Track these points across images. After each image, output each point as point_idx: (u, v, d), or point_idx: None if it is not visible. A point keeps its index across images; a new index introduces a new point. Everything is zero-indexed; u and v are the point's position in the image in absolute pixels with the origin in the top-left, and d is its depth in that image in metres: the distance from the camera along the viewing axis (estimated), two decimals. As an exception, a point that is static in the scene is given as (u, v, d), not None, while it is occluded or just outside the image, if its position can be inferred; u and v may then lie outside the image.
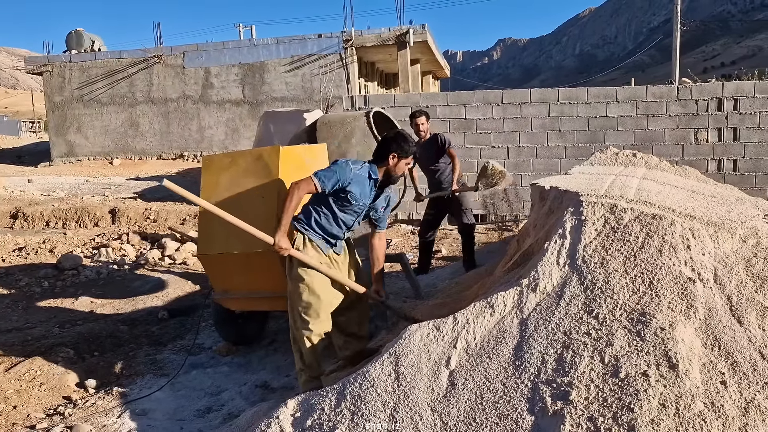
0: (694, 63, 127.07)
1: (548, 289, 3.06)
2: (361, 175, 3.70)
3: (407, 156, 3.77)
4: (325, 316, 3.75)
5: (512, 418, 2.52)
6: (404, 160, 3.77)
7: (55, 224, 10.76)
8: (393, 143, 3.75)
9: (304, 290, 3.69)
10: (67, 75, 21.76)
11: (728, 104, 9.05)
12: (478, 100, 9.78)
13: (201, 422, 3.89)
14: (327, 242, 3.81)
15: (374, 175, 3.76)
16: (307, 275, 3.69)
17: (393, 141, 3.76)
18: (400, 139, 3.78)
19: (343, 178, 3.61)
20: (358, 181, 3.67)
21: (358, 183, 3.68)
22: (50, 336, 5.43)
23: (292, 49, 20.27)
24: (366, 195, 3.76)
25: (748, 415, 2.37)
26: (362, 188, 3.71)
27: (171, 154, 21.21)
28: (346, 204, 3.71)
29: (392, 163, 3.75)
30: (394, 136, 3.82)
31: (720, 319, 2.78)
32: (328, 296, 3.77)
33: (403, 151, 3.74)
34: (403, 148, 3.74)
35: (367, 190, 3.75)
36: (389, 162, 3.74)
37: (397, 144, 3.74)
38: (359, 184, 3.69)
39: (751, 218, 3.49)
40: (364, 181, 3.72)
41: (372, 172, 3.75)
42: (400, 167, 3.78)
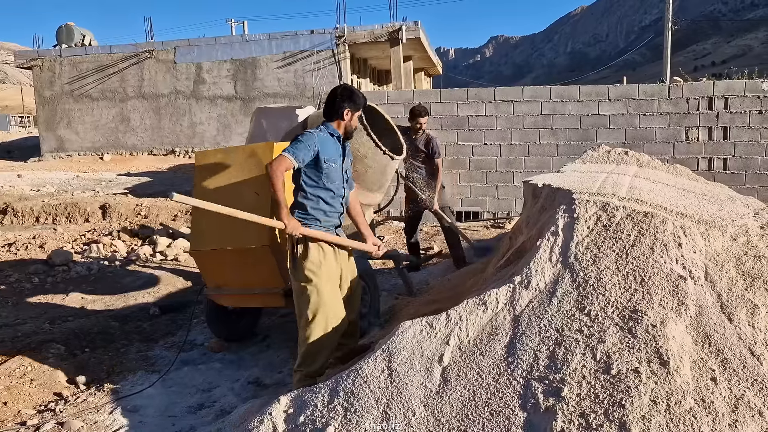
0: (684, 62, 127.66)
1: (541, 286, 3.07)
2: (325, 136, 3.72)
3: (359, 108, 3.85)
4: (332, 316, 3.72)
5: (504, 414, 2.53)
6: (357, 113, 3.85)
7: (45, 220, 10.68)
8: (345, 100, 3.79)
9: (312, 291, 3.66)
10: (57, 69, 21.59)
11: (719, 103, 9.10)
12: (471, 97, 9.79)
13: (193, 418, 3.88)
14: (331, 228, 3.81)
15: (335, 132, 3.81)
16: (315, 276, 3.66)
17: (343, 97, 3.79)
18: (349, 92, 3.83)
19: (311, 143, 3.62)
20: (324, 141, 3.69)
21: (325, 143, 3.70)
22: (41, 332, 5.40)
23: (284, 45, 20.20)
24: (337, 154, 3.78)
25: (737, 412, 2.39)
26: (331, 148, 3.74)
27: (162, 150, 21.10)
28: (326, 171, 3.69)
29: (347, 118, 3.81)
30: (341, 91, 3.84)
31: (711, 317, 2.81)
32: (334, 297, 3.75)
33: (356, 104, 3.82)
34: (354, 101, 3.81)
35: (336, 148, 3.79)
36: (344, 117, 3.80)
37: (348, 98, 3.79)
38: (327, 144, 3.71)
39: (741, 216, 3.52)
40: (330, 139, 3.75)
41: (332, 131, 3.79)
42: (354, 121, 3.85)
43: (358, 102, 3.83)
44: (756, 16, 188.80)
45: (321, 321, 3.68)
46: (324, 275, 3.69)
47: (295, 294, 3.79)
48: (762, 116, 8.97)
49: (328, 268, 3.73)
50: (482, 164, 9.85)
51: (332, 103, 3.82)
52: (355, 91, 3.87)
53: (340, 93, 3.82)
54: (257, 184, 4.21)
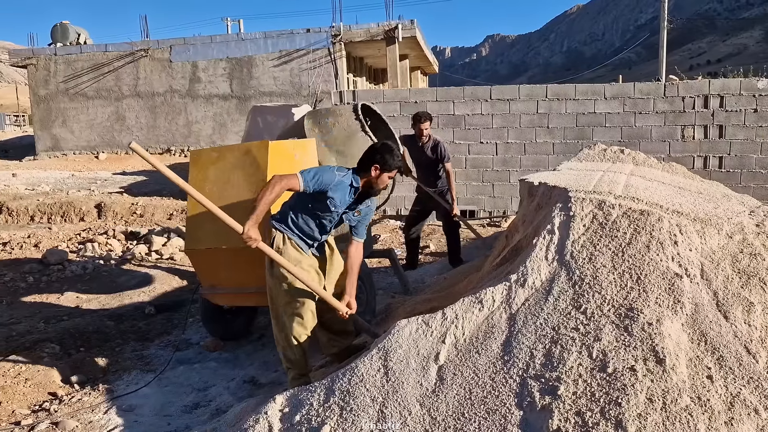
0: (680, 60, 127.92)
1: (537, 284, 3.07)
2: (344, 183, 3.64)
3: (391, 170, 3.70)
4: (310, 313, 3.72)
5: (501, 412, 2.53)
6: (387, 174, 3.70)
7: (40, 219, 10.64)
8: (378, 155, 3.67)
9: (287, 289, 3.65)
10: (52, 68, 21.50)
11: (714, 102, 9.12)
12: (467, 96, 9.78)
13: (188, 418, 3.87)
14: (305, 243, 3.76)
15: (356, 183, 3.70)
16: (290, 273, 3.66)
17: (378, 152, 3.69)
18: (385, 151, 3.69)
19: (326, 181, 3.56)
20: (340, 187, 3.62)
21: (339, 189, 3.62)
22: (35, 332, 5.38)
23: (280, 44, 20.15)
24: (344, 202, 3.70)
25: (733, 410, 2.39)
26: (342, 195, 3.66)
27: (158, 149, 21.04)
28: (324, 208, 3.65)
29: (374, 175, 3.68)
30: (380, 147, 3.74)
31: (707, 315, 2.81)
32: (309, 294, 3.73)
33: (387, 165, 3.67)
34: (387, 161, 3.66)
35: (346, 197, 3.69)
36: (371, 173, 3.68)
37: (382, 156, 3.66)
38: (340, 191, 3.63)
39: (737, 214, 3.52)
40: (346, 188, 3.66)
41: (354, 180, 3.69)
42: (382, 180, 3.71)
43: (391, 164, 3.68)
44: (751, 15, 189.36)
45: (298, 318, 3.69)
46: (299, 272, 3.67)
47: (269, 290, 3.78)
48: (757, 115, 8.99)
49: (304, 264, 3.72)
50: (478, 163, 9.84)
51: (367, 156, 3.72)
52: (393, 154, 3.71)
53: (378, 149, 3.72)
54: (252, 182, 4.19)
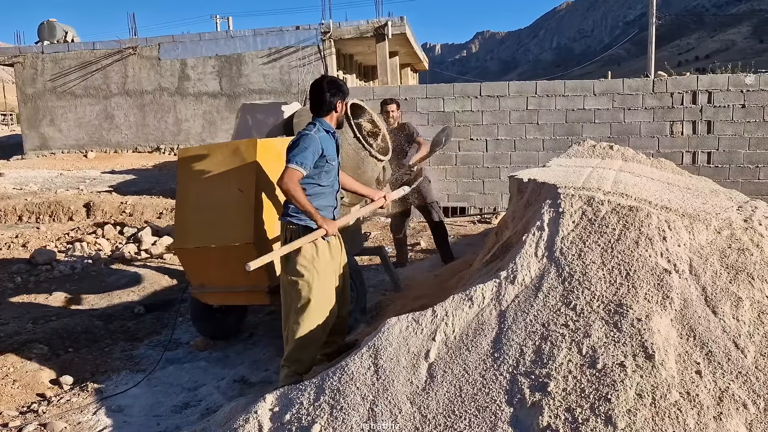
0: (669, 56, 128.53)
1: (526, 281, 3.07)
2: (323, 136, 3.70)
3: (346, 96, 3.87)
4: (323, 311, 3.70)
5: (491, 409, 2.53)
6: (344, 102, 3.88)
7: (28, 218, 10.55)
8: (334, 92, 3.77)
9: (303, 286, 3.64)
10: (39, 66, 21.31)
11: (702, 97, 9.15)
12: (457, 92, 9.78)
13: (178, 418, 3.85)
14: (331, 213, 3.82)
15: (330, 129, 3.81)
16: (307, 272, 3.64)
17: (332, 90, 3.77)
18: (336, 84, 3.83)
19: (315, 147, 3.61)
20: (324, 141, 3.69)
21: (325, 143, 3.69)
22: (23, 332, 5.33)
23: (269, 41, 20.07)
24: (334, 149, 3.80)
25: (722, 404, 2.40)
26: (330, 146, 3.74)
27: (147, 147, 20.92)
28: (327, 169, 3.71)
29: (340, 109, 3.85)
30: (328, 85, 3.79)
31: (695, 310, 2.82)
32: (326, 293, 3.73)
33: (344, 94, 3.84)
34: (343, 90, 3.82)
35: (333, 145, 3.80)
36: (337, 109, 3.82)
37: (338, 89, 3.79)
38: (327, 144, 3.71)
39: (725, 210, 3.54)
40: (327, 137, 3.74)
41: (327, 128, 3.78)
42: (343, 110, 3.92)
43: (346, 91, 3.85)
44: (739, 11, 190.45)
45: (311, 317, 3.65)
46: (315, 271, 3.67)
47: (284, 288, 3.76)
48: (745, 110, 9.04)
49: (320, 263, 3.70)
50: (468, 159, 9.85)
51: (321, 97, 3.77)
52: (340, 81, 3.87)
53: (328, 86, 3.78)
54: (241, 180, 4.17)
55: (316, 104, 3.80)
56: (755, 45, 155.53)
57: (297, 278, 3.64)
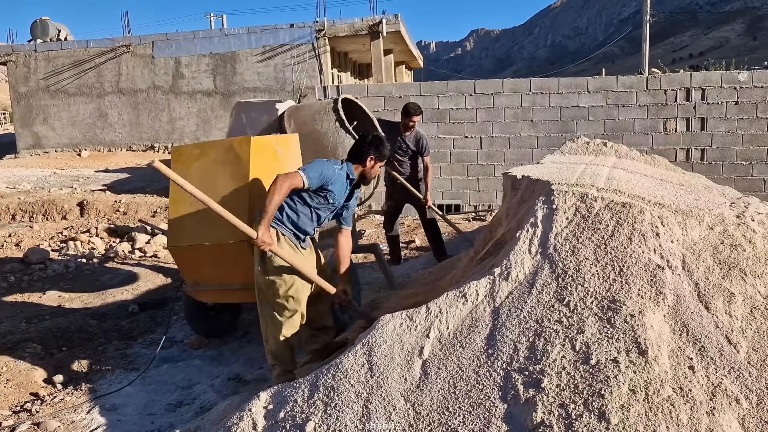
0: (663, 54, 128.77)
1: (520, 277, 3.07)
2: (341, 176, 3.75)
3: (383, 160, 3.88)
4: (301, 310, 3.74)
5: (485, 406, 2.53)
6: (379, 163, 3.87)
7: (21, 218, 10.51)
8: (371, 146, 3.82)
9: (280, 286, 3.65)
10: (32, 65, 21.22)
11: (696, 94, 9.18)
12: (451, 90, 9.78)
13: (172, 416, 3.84)
14: (297, 237, 3.80)
15: (351, 175, 3.82)
16: (286, 270, 3.66)
17: (371, 144, 3.83)
18: (378, 142, 3.85)
19: (327, 176, 3.65)
20: (338, 181, 3.72)
21: (338, 182, 3.72)
22: (17, 331, 5.31)
23: (263, 39, 20.03)
24: (342, 195, 3.81)
25: (715, 399, 2.41)
26: (340, 187, 3.76)
27: (141, 146, 20.86)
28: (323, 202, 3.74)
29: (369, 165, 3.83)
30: (372, 139, 3.86)
31: (688, 306, 2.82)
32: (303, 291, 3.75)
33: (380, 155, 3.84)
34: (380, 151, 3.83)
35: (344, 189, 3.80)
36: (366, 164, 3.82)
37: (375, 148, 3.82)
38: (339, 184, 3.73)
39: (718, 206, 3.55)
40: (343, 181, 3.77)
41: (350, 172, 3.81)
42: (375, 169, 3.87)
43: (384, 154, 3.86)
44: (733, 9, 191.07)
45: (291, 314, 3.69)
46: (293, 270, 3.67)
47: (260, 288, 3.76)
48: (738, 107, 9.07)
49: (297, 261, 3.71)
50: (463, 157, 9.85)
51: (359, 146, 3.86)
52: (384, 144, 3.88)
53: (370, 140, 3.85)
54: (235, 178, 4.16)
55: (353, 150, 3.90)
56: (749, 42, 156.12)
57: (276, 277, 3.66)
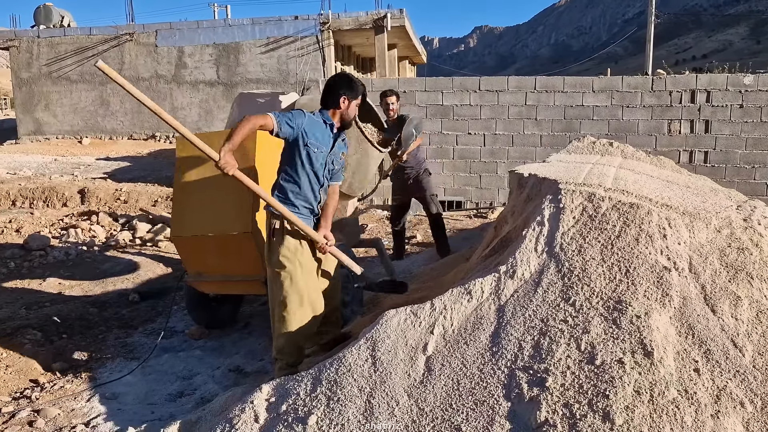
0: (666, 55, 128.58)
1: (526, 276, 3.06)
2: (317, 120, 3.65)
3: (357, 96, 3.74)
4: (307, 304, 3.66)
5: (489, 404, 2.52)
6: (354, 102, 3.74)
7: (21, 204, 10.49)
8: (341, 86, 3.70)
9: (285, 278, 3.60)
10: (35, 51, 21.15)
11: (701, 96, 9.16)
12: (456, 86, 9.75)
13: (173, 406, 3.84)
14: (310, 212, 3.71)
15: (329, 120, 3.70)
16: (289, 263, 3.60)
17: (341, 84, 3.72)
18: (347, 80, 3.74)
19: (298, 121, 3.54)
20: (314, 123, 3.62)
21: (314, 126, 3.61)
22: (16, 318, 5.30)
23: (267, 31, 19.97)
24: (325, 141, 3.68)
25: (720, 403, 2.40)
26: (320, 132, 3.64)
27: (142, 135, 20.81)
28: (309, 153, 3.60)
29: (344, 106, 3.70)
30: (339, 79, 3.77)
31: (694, 308, 2.82)
32: (311, 283, 3.69)
33: (353, 91, 3.71)
34: (352, 87, 3.70)
35: (325, 135, 3.68)
36: (341, 105, 3.70)
37: (346, 86, 3.70)
38: (316, 128, 3.62)
39: (725, 209, 3.54)
40: (321, 125, 3.66)
41: (326, 118, 3.70)
42: (351, 109, 3.74)
43: (356, 90, 3.72)
44: (737, 12, 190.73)
45: (295, 309, 3.62)
46: (299, 262, 3.63)
47: (269, 281, 3.74)
48: (743, 110, 9.05)
49: (304, 256, 3.67)
50: (466, 154, 9.83)
51: (329, 90, 3.73)
52: (354, 80, 3.76)
53: (338, 80, 3.75)
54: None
55: (324, 96, 3.77)
56: (752, 45, 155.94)
57: (279, 270, 3.61)
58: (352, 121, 3.83)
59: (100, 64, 3.17)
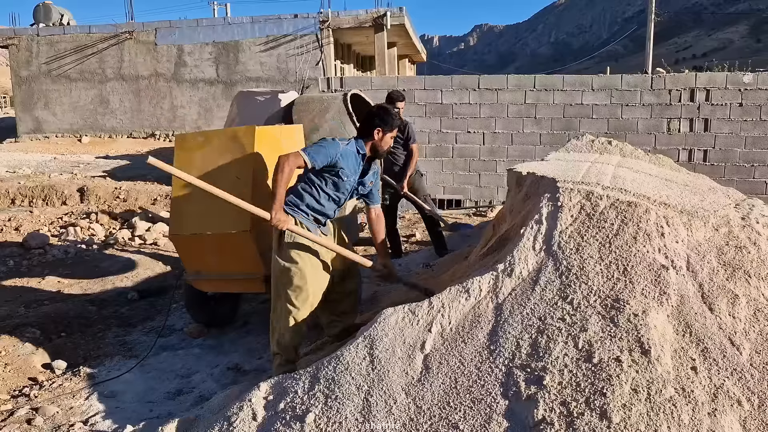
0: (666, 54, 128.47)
1: (524, 274, 3.07)
2: (349, 150, 3.72)
3: (392, 129, 3.82)
4: (313, 300, 3.69)
5: (486, 402, 2.53)
6: (389, 134, 3.82)
7: (21, 202, 10.48)
8: (377, 118, 3.79)
9: (295, 274, 3.62)
10: (34, 49, 21.13)
11: (700, 95, 9.16)
12: (455, 85, 9.74)
13: (171, 404, 3.84)
14: (316, 221, 3.78)
15: (361, 150, 3.79)
16: (300, 259, 3.62)
17: (377, 115, 3.80)
18: (384, 113, 3.83)
19: (331, 153, 3.63)
20: (346, 156, 3.69)
21: (346, 158, 3.69)
22: (15, 316, 5.30)
23: (267, 29, 19.96)
24: (355, 170, 3.77)
25: (717, 401, 2.41)
26: (351, 163, 3.73)
27: (142, 133, 20.81)
28: (337, 181, 3.71)
29: (378, 138, 3.79)
30: (377, 110, 3.86)
31: (692, 306, 2.82)
32: (319, 281, 3.71)
33: (388, 125, 3.79)
34: (387, 121, 3.78)
35: (356, 165, 3.77)
36: (375, 136, 3.78)
37: (381, 118, 3.79)
38: (348, 159, 3.70)
39: (723, 207, 3.54)
40: (353, 156, 3.74)
41: (359, 147, 3.78)
42: (385, 141, 3.83)
43: (391, 123, 3.80)
44: (737, 10, 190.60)
45: (302, 305, 3.64)
46: (309, 259, 3.65)
47: (275, 274, 3.75)
48: (742, 109, 9.05)
49: (314, 252, 3.69)
50: (465, 152, 9.83)
51: (366, 121, 3.84)
52: (390, 113, 3.84)
53: (374, 112, 3.85)
54: (238, 167, 4.14)
55: (361, 125, 3.89)
56: (752, 44, 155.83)
57: (291, 265, 3.63)
58: (385, 151, 3.93)
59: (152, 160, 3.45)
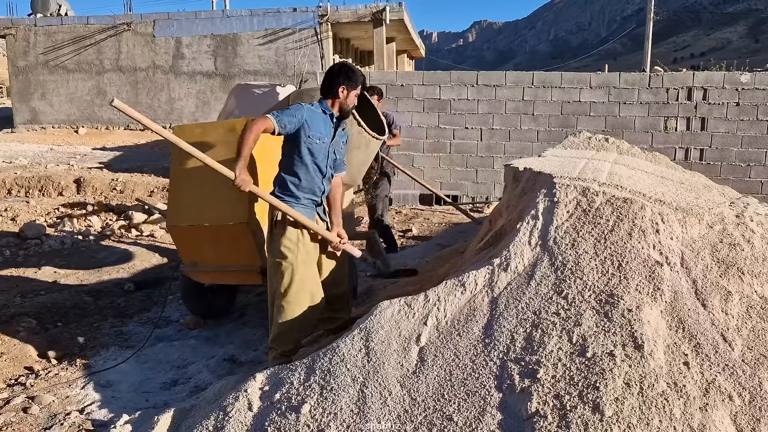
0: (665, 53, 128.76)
1: (519, 269, 3.09)
2: (316, 111, 3.66)
3: (356, 86, 3.74)
4: (305, 294, 3.67)
5: (480, 394, 2.55)
6: (354, 92, 3.74)
7: (17, 192, 10.47)
8: (340, 76, 3.71)
9: (286, 268, 3.61)
10: (31, 39, 21.04)
11: (698, 94, 9.18)
12: (453, 80, 9.75)
13: (167, 395, 3.85)
14: (313, 203, 3.74)
15: (327, 110, 3.72)
16: (291, 253, 3.61)
17: (339, 74, 3.72)
18: (347, 69, 3.75)
19: (298, 115, 3.56)
20: (314, 115, 3.64)
21: (315, 117, 3.63)
22: (11, 306, 5.31)
23: (266, 22, 19.91)
24: (326, 132, 3.70)
25: (708, 396, 2.43)
26: (321, 123, 3.66)
27: (139, 125, 20.68)
28: (311, 146, 3.62)
29: (342, 96, 3.71)
30: (338, 68, 3.77)
31: (685, 302, 2.84)
32: (310, 275, 3.70)
33: (352, 81, 3.71)
34: (351, 77, 3.71)
35: (325, 126, 3.70)
36: (339, 95, 3.71)
37: (345, 75, 3.71)
38: (317, 119, 3.64)
39: (717, 205, 3.57)
40: (320, 116, 3.68)
41: (324, 108, 3.72)
42: (350, 99, 3.75)
43: (355, 80, 3.72)
44: (736, 10, 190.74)
45: (294, 299, 3.64)
46: (300, 253, 3.65)
47: (269, 270, 3.76)
48: (739, 108, 9.08)
49: (305, 246, 3.69)
50: (463, 148, 9.84)
51: (328, 80, 3.74)
52: (353, 69, 3.76)
53: (337, 70, 3.75)
54: (235, 160, 4.14)
55: (323, 86, 3.79)
56: (750, 44, 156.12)
57: (281, 260, 3.62)
58: (351, 110, 3.84)
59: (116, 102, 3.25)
